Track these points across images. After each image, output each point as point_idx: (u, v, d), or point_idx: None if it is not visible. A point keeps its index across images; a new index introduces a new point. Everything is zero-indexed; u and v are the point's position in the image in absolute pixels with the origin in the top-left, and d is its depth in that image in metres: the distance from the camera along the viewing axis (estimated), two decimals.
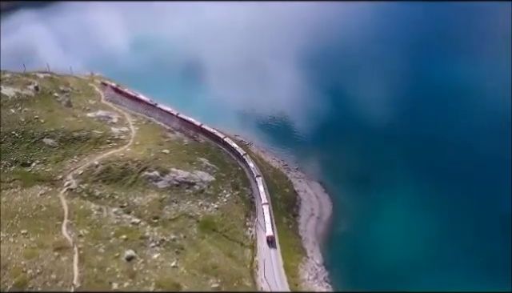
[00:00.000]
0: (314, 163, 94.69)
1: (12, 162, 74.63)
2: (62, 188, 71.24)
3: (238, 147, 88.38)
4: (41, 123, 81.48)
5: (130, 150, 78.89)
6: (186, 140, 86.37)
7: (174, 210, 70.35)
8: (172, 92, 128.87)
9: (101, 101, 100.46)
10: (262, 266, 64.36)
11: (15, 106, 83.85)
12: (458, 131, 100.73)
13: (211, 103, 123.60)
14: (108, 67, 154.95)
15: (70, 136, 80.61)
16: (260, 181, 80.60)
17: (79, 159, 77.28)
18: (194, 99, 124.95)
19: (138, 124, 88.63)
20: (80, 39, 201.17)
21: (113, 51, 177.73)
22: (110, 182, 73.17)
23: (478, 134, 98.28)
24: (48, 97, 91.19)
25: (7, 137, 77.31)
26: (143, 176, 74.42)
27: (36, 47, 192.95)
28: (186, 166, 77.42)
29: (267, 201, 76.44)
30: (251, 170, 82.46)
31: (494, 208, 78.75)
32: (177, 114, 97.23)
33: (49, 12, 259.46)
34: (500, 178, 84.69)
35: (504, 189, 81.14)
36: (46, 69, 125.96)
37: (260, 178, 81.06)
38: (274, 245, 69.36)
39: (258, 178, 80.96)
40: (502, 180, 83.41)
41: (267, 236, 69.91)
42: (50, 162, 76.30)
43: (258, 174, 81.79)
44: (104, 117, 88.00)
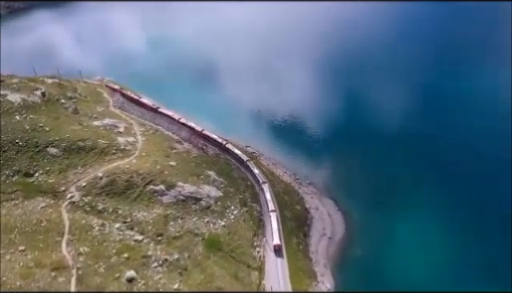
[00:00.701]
0: (327, 177, 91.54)
1: (14, 172, 72.92)
2: (65, 201, 69.20)
3: (240, 154, 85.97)
4: (46, 131, 79.75)
5: (135, 161, 76.62)
6: (195, 152, 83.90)
7: (179, 227, 67.73)
8: (184, 95, 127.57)
9: (109, 108, 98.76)
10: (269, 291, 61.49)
11: (21, 113, 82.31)
12: (484, 145, 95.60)
13: (224, 107, 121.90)
14: (122, 69, 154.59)
15: (75, 145, 78.68)
16: (266, 188, 78.46)
17: (83, 170, 75.26)
18: (207, 102, 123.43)
19: (146, 134, 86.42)
20: (94, 40, 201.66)
21: (127, 52, 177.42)
22: (113, 195, 70.94)
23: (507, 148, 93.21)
24: (55, 103, 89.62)
25: (11, 145, 75.66)
26: (148, 190, 72.04)
27: (49, 48, 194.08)
28: (193, 180, 74.80)
29: (274, 208, 74.42)
30: (256, 176, 79.94)
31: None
32: (178, 119, 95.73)
33: (64, 12, 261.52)
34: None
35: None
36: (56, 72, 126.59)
37: (266, 185, 79.08)
38: (281, 254, 67.80)
39: (263, 185, 79.08)
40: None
41: (274, 245, 68.47)
42: (54, 173, 74.42)
43: (263, 181, 79.54)
44: (110, 126, 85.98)
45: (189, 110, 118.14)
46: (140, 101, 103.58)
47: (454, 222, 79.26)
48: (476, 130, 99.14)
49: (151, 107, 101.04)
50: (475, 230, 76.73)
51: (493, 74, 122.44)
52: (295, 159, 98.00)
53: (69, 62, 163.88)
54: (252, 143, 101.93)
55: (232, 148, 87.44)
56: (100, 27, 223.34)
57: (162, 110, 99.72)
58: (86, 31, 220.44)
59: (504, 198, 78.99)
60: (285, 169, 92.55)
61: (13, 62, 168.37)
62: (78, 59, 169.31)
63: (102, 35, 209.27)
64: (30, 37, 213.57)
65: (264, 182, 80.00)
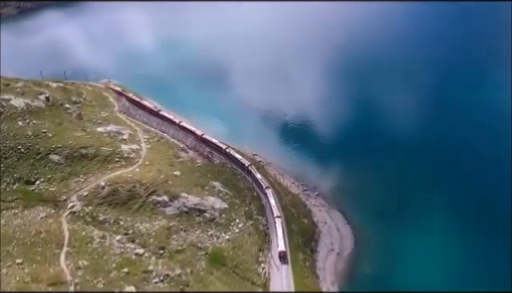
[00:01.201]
0: (336, 188, 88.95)
1: (15, 180, 71.83)
2: (65, 210, 67.79)
3: (242, 158, 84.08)
4: (48, 138, 78.61)
5: (138, 170, 75.00)
6: (200, 161, 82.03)
7: (182, 240, 65.82)
8: (193, 98, 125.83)
9: (114, 113, 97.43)
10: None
11: (24, 118, 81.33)
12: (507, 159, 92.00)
13: (232, 112, 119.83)
14: (131, 70, 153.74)
15: (78, 153, 77.37)
16: (270, 193, 76.87)
17: (85, 179, 73.85)
18: (216, 107, 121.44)
19: (150, 141, 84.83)
20: (104, 40, 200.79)
21: (137, 53, 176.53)
22: (115, 205, 69.35)
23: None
24: (58, 108, 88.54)
25: (12, 152, 74.64)
26: (151, 201, 70.32)
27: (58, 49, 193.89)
28: (198, 191, 72.91)
29: (279, 214, 73.33)
30: (259, 181, 78.34)
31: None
32: (179, 123, 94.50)
33: (74, 12, 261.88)
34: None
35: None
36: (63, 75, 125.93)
37: (270, 190, 77.58)
38: (286, 261, 66.38)
39: (267, 190, 77.56)
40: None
41: (279, 251, 67.00)
42: (55, 181, 73.17)
43: (267, 186, 77.60)
44: (114, 132, 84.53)
45: (197, 113, 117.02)
46: (142, 103, 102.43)
47: (471, 237, 76.13)
48: (498, 141, 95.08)
49: (152, 110, 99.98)
50: (493, 245, 73.45)
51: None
52: (304, 168, 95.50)
53: (77, 63, 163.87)
54: (260, 151, 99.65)
55: (233, 153, 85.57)
56: (110, 27, 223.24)
57: (162, 112, 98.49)
58: (96, 31, 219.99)
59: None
60: (293, 179, 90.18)
61: (22, 62, 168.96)
62: (86, 60, 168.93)
63: (113, 36, 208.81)
64: (40, 37, 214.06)
65: (268, 187, 78.74)
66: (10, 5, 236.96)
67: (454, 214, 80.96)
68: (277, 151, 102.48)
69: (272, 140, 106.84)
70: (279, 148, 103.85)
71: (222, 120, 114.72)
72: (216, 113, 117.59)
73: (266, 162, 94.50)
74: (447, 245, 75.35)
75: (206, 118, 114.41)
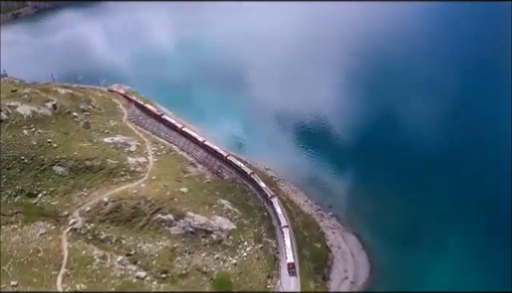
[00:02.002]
0: (352, 208, 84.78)
1: (17, 192, 69.92)
2: (66, 227, 65.47)
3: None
4: (53, 148, 76.51)
5: (144, 185, 72.23)
6: (209, 176, 78.90)
7: (186, 263, 62.77)
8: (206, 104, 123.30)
9: (122, 121, 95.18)
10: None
11: (29, 126, 79.45)
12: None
13: (246, 118, 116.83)
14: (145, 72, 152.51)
15: (83, 165, 75.07)
16: (276, 202, 75.49)
17: (89, 193, 71.46)
18: (229, 112, 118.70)
19: (158, 154, 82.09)
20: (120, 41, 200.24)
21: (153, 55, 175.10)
22: (118, 223, 66.69)
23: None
24: (65, 117, 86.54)
25: (15, 162, 72.72)
26: (156, 219, 67.43)
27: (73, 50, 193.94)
28: (205, 210, 69.77)
29: (287, 223, 72.45)
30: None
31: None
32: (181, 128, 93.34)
33: (91, 12, 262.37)
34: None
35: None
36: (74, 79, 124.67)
37: (275, 199, 76.62)
38: (295, 273, 64.95)
39: (272, 199, 76.63)
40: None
41: (288, 263, 65.53)
42: (58, 194, 70.99)
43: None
44: (121, 143, 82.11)
45: (209, 120, 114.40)
46: (152, 110, 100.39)
47: (493, 264, 71.34)
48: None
49: (162, 118, 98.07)
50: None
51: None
52: (318, 185, 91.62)
53: (92, 65, 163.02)
54: (272, 165, 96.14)
55: (235, 161, 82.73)
56: (128, 27, 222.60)
57: (172, 121, 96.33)
58: (113, 32, 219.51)
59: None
60: (306, 197, 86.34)
61: (37, 62, 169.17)
62: (101, 62, 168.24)
63: (129, 37, 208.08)
64: (57, 37, 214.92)
65: (273, 196, 77.21)
66: (27, 4, 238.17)
67: (479, 241, 76.22)
68: (290, 164, 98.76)
69: (286, 152, 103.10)
70: (293, 161, 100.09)
71: (235, 128, 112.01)
72: (229, 119, 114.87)
73: (279, 177, 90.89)
74: (470, 273, 70.75)
75: (218, 125, 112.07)
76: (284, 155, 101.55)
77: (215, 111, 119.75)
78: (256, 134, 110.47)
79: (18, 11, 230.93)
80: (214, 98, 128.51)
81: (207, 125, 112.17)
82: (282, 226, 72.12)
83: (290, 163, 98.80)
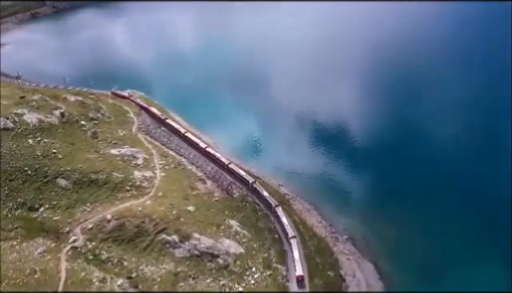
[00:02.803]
0: (369, 232, 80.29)
1: (18, 205, 67.99)
2: (67, 245, 63.08)
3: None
4: (58, 159, 74.52)
5: (149, 203, 69.47)
6: (218, 194, 75.71)
7: (190, 289, 59.64)
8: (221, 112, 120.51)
9: (132, 131, 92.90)
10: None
11: (35, 135, 77.78)
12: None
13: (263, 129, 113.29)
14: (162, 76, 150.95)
15: (87, 178, 72.78)
16: (281, 212, 73.42)
17: (92, 208, 69.05)
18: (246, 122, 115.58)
19: (166, 168, 79.32)
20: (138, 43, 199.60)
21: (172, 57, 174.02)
22: (121, 242, 64.03)
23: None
24: (73, 126, 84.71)
25: (18, 173, 70.93)
26: (160, 239, 64.52)
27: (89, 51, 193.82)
28: (212, 232, 66.57)
29: (294, 234, 71.17)
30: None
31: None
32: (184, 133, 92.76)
33: (109, 13, 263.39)
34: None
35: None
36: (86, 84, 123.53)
37: (279, 208, 74.80)
38: (304, 285, 63.42)
39: (277, 208, 74.70)
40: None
41: (297, 276, 63.84)
42: (60, 209, 68.79)
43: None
44: (129, 156, 79.64)
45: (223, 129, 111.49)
46: (163, 119, 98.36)
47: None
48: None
49: (173, 128, 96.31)
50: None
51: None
52: (333, 204, 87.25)
53: (106, 69, 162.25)
54: (286, 181, 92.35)
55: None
56: (147, 29, 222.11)
57: (183, 131, 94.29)
58: (132, 34, 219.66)
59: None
60: (320, 217, 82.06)
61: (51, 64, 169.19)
62: (117, 66, 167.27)
63: (148, 38, 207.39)
64: (73, 38, 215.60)
65: (277, 206, 75.94)
66: (46, 4, 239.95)
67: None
68: (305, 180, 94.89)
69: (301, 165, 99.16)
70: (308, 176, 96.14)
71: (250, 139, 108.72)
72: (246, 129, 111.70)
73: (292, 194, 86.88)
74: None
75: (233, 134, 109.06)
76: (299, 169, 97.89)
77: (231, 120, 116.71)
78: (272, 146, 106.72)
79: (36, 11, 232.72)
80: (231, 106, 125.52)
81: (221, 134, 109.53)
82: (289, 237, 70.29)
83: (305, 178, 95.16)
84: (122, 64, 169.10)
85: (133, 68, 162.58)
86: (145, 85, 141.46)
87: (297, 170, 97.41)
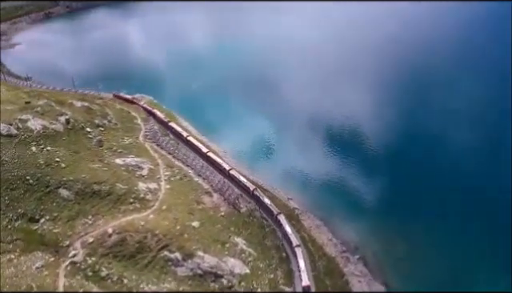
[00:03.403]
0: (383, 252, 76.98)
1: (18, 216, 66.39)
2: (66, 259, 61.21)
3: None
4: (61, 168, 72.88)
5: (153, 217, 67.34)
6: (224, 208, 73.23)
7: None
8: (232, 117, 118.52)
9: (138, 139, 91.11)
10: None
11: (38, 143, 76.32)
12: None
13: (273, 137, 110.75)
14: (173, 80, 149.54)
15: (90, 189, 70.96)
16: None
17: (93, 221, 67.18)
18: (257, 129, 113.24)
19: (171, 180, 77.17)
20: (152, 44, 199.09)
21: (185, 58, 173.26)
22: (121, 258, 61.95)
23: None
24: (78, 133, 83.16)
25: (20, 183, 69.42)
26: (162, 256, 62.29)
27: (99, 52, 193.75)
28: (216, 250, 64.13)
29: (299, 243, 69.47)
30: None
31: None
32: (186, 137, 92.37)
33: (123, 13, 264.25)
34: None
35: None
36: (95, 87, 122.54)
37: (282, 216, 72.69)
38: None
39: (279, 216, 72.57)
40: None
41: (303, 286, 62.00)
42: (61, 221, 67.02)
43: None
44: (133, 166, 77.69)
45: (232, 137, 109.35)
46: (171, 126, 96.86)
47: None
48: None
49: (181, 135, 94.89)
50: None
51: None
52: (345, 220, 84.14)
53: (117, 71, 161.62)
54: (296, 194, 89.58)
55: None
56: (160, 30, 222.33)
57: (192, 140, 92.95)
58: (144, 35, 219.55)
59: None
60: (330, 234, 78.97)
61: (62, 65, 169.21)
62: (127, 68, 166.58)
63: (161, 40, 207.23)
64: (85, 39, 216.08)
65: (279, 213, 74.13)
66: (59, 4, 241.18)
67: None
68: (316, 192, 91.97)
69: (312, 175, 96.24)
70: (319, 188, 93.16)
71: (261, 147, 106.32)
72: (257, 137, 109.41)
73: (302, 209, 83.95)
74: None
75: (243, 142, 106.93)
76: (310, 179, 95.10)
77: (242, 126, 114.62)
78: (283, 153, 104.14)
79: (49, 11, 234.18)
80: (242, 111, 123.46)
81: (231, 141, 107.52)
82: (293, 246, 68.60)
83: (316, 189, 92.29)
84: (133, 66, 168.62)
85: (144, 70, 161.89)
86: (155, 88, 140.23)
87: (307, 179, 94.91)
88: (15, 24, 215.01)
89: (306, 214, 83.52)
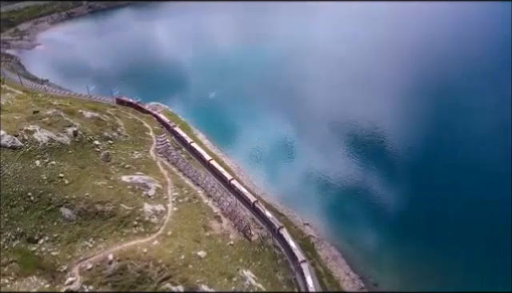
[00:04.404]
0: (404, 289, 71.42)
1: (17, 235, 63.45)
2: (62, 286, 57.95)
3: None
4: (64, 185, 69.89)
5: (156, 243, 63.56)
6: (233, 236, 68.85)
7: None
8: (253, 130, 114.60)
9: (149, 153, 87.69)
10: None
11: (43, 156, 73.59)
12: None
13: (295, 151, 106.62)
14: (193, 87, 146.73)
15: (93, 209, 67.72)
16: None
17: (94, 244, 63.83)
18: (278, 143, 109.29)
19: (179, 201, 73.30)
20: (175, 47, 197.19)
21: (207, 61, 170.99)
22: (121, 288, 58.16)
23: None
24: (85, 146, 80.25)
25: (21, 199, 66.63)
26: (163, 288, 58.24)
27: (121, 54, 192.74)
28: (222, 284, 59.80)
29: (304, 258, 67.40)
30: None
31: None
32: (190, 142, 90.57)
33: (146, 13, 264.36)
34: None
35: None
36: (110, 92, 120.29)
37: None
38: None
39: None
40: None
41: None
42: (61, 242, 63.90)
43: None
44: (140, 185, 74.12)
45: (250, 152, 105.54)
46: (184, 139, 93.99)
47: None
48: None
49: (194, 149, 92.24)
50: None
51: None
52: (364, 251, 78.81)
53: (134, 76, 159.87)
54: (313, 219, 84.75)
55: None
56: (183, 32, 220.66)
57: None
58: (167, 37, 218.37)
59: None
60: (348, 267, 74.04)
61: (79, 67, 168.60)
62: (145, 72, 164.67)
63: (183, 43, 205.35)
64: (105, 40, 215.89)
65: (281, 227, 72.45)
66: (82, 4, 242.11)
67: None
68: (334, 218, 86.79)
69: (333, 202, 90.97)
70: (339, 214, 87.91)
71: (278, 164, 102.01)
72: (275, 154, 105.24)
73: (318, 237, 79.13)
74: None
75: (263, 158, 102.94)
76: (329, 206, 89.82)
77: (261, 140, 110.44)
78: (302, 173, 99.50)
79: (71, 11, 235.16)
80: (263, 123, 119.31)
81: (247, 156, 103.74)
82: (299, 262, 66.05)
83: (335, 217, 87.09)
84: (153, 70, 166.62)
85: (163, 75, 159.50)
86: (173, 95, 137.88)
87: (327, 201, 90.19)
88: (37, 24, 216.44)
89: (323, 243, 78.75)
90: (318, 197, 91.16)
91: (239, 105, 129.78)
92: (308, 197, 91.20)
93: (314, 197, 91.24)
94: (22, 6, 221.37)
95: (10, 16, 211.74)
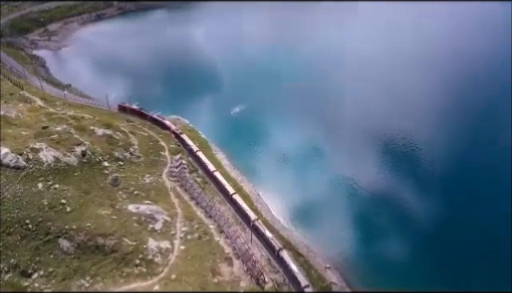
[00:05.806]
0: None
1: (10, 267, 59.52)
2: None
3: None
4: (65, 213, 65.74)
5: (157, 288, 58.29)
6: (244, 283, 62.72)
7: None
8: (281, 146, 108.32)
9: (162, 177, 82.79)
10: None
11: (46, 179, 69.80)
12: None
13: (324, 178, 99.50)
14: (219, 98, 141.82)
15: (93, 242, 63.21)
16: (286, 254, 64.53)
17: (91, 284, 59.22)
18: (303, 162, 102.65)
19: (188, 237, 67.87)
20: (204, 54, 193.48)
21: (239, 66, 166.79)
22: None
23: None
24: (93, 168, 76.11)
25: (18, 227, 62.82)
26: None
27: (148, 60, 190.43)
28: None
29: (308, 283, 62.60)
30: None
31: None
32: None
33: (178, 17, 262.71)
34: None
35: None
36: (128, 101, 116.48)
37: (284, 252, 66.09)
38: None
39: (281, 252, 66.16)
40: None
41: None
42: (55, 278, 59.55)
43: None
44: (147, 216, 69.22)
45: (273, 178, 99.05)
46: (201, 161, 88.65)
47: None
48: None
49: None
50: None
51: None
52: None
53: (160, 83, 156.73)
54: (336, 260, 77.52)
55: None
56: (217, 35, 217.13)
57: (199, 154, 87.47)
58: (199, 41, 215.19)
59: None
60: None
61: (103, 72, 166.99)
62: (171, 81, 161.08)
63: (217, 45, 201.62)
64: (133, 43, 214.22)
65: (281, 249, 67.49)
66: (112, 5, 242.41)
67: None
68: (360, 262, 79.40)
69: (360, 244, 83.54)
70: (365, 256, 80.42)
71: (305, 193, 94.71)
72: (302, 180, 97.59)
73: (340, 284, 71.57)
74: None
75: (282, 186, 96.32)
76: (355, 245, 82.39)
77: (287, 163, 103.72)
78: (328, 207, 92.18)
79: (101, 12, 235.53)
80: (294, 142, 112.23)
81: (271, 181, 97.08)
82: (302, 287, 61.01)
83: (360, 260, 79.59)
84: (179, 79, 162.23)
85: (188, 85, 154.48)
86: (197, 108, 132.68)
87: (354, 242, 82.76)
88: (67, 24, 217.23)
89: (343, 289, 71.44)
90: (347, 237, 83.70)
91: (267, 120, 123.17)
92: (334, 233, 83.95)
93: (341, 235, 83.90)
94: (53, 5, 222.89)
95: (41, 16, 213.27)
